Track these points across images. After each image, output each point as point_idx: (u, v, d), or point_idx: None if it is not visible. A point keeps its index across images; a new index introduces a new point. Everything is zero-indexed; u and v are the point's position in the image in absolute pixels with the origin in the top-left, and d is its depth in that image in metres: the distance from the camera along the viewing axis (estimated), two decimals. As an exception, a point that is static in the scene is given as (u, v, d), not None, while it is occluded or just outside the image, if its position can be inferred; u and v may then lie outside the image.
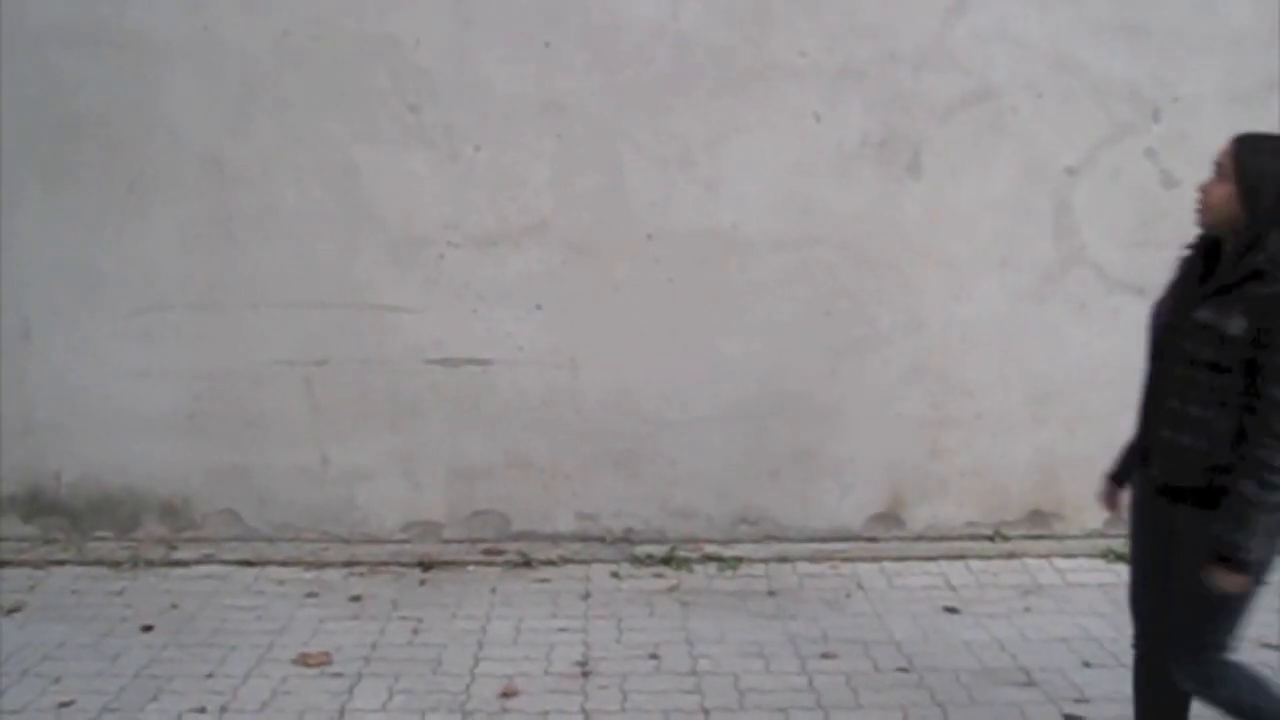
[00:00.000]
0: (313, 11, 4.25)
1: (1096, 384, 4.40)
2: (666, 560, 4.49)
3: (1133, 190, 4.35)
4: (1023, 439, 4.57)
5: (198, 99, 4.31)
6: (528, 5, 4.26)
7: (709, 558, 4.51)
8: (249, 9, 4.25)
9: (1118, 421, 4.18)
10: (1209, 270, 2.36)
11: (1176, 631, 2.47)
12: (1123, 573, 4.46)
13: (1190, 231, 2.45)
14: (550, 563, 4.48)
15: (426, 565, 4.44)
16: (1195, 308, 2.32)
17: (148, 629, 3.87)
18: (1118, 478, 2.71)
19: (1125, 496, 2.70)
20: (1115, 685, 3.42)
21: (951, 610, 4.02)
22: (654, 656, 3.66)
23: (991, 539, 4.63)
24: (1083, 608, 4.01)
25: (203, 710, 3.28)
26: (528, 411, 4.54)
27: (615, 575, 4.38)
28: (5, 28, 4.25)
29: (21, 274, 4.43)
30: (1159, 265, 2.54)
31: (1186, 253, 2.45)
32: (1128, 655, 3.62)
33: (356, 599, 4.15)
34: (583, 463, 4.59)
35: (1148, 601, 2.62)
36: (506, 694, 3.39)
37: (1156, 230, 4.20)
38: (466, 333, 4.49)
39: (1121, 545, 4.48)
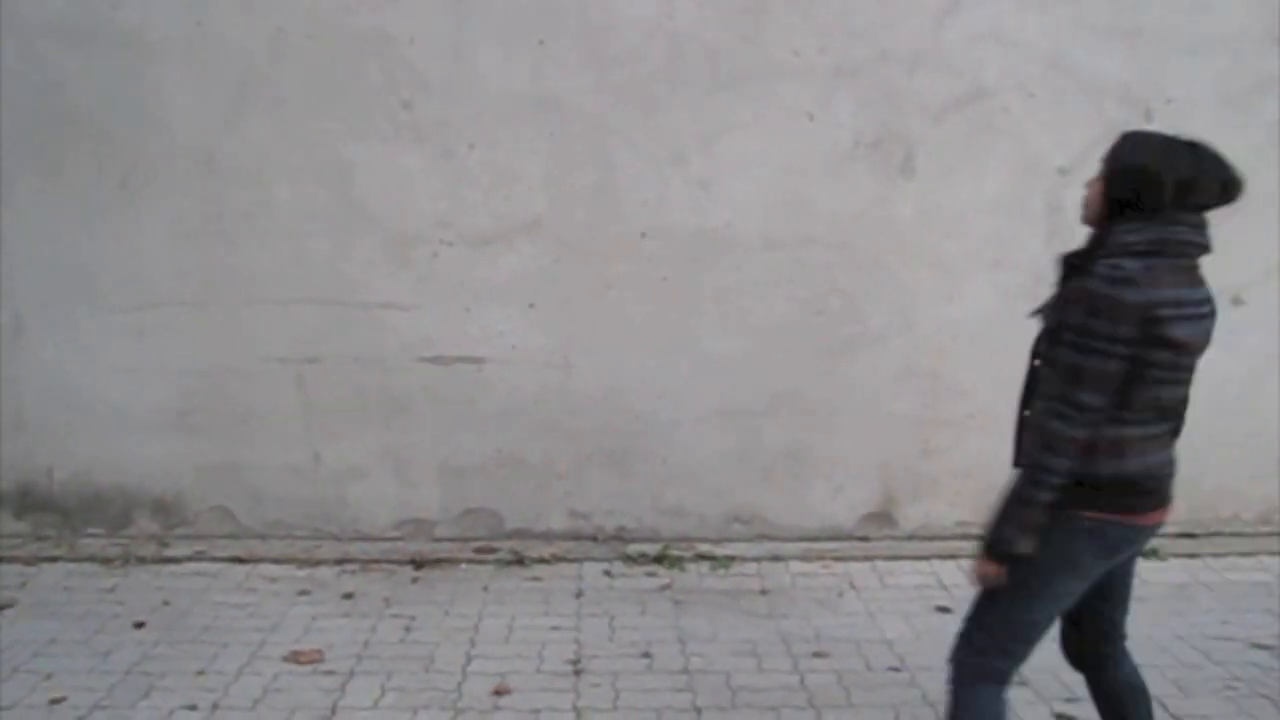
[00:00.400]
0: (307, 8, 4.24)
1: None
2: (659, 559, 4.49)
3: (1125, 191, 4.36)
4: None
5: (191, 95, 4.30)
6: (522, 3, 4.25)
7: (701, 556, 4.51)
8: (243, 6, 4.24)
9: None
10: None
11: (962, 625, 2.44)
12: (1113, 572, 4.48)
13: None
14: (543, 561, 4.48)
15: (419, 563, 4.44)
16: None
17: (139, 626, 3.87)
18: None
19: None
20: (1105, 684, 3.44)
21: (943, 609, 4.03)
22: (646, 655, 3.67)
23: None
24: (1073, 607, 4.02)
25: (194, 707, 3.28)
26: (520, 410, 4.54)
27: (608, 574, 4.39)
28: (0, 25, 4.24)
29: (13, 270, 4.43)
30: (1150, 266, 2.54)
31: None
32: (1118, 654, 3.64)
33: (349, 596, 4.15)
34: (575, 461, 4.59)
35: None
36: (498, 692, 3.39)
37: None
38: (459, 331, 4.49)
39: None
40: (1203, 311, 2.21)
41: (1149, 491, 2.28)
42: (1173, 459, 2.33)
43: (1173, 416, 2.29)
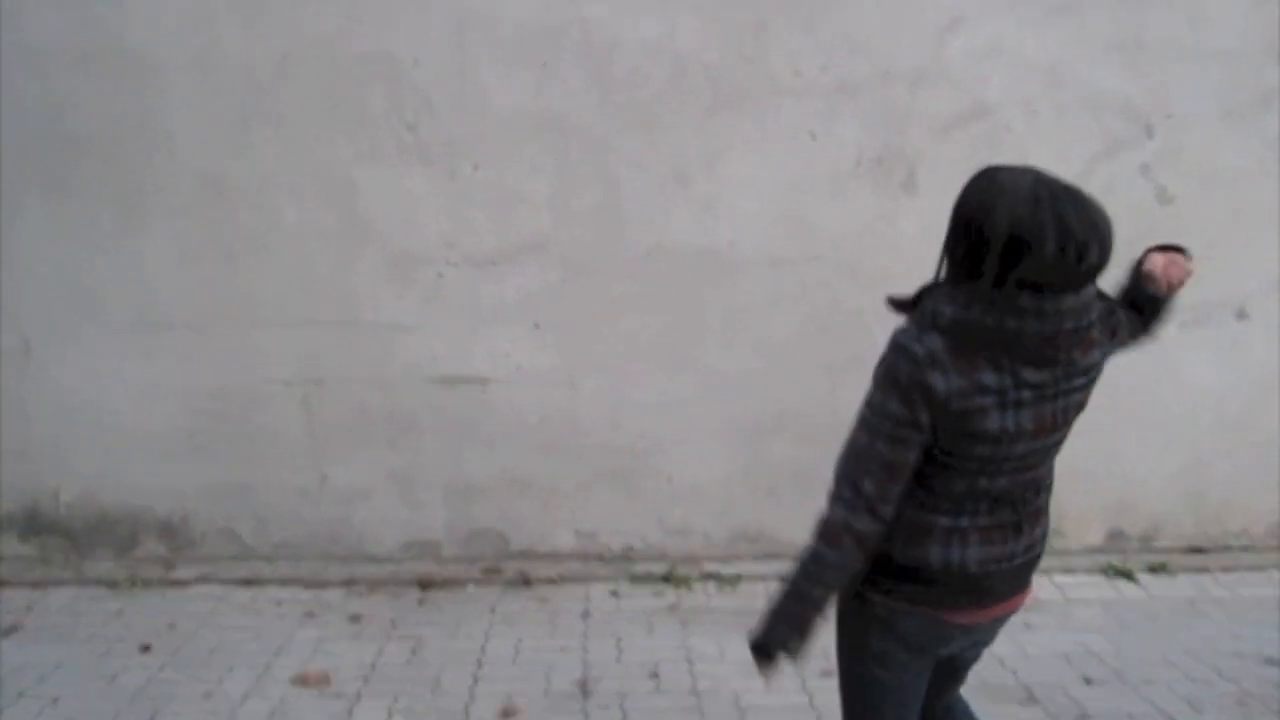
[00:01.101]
0: (312, 31, 4.27)
1: (1093, 400, 4.40)
2: (666, 578, 4.48)
3: (1127, 206, 4.29)
4: (1021, 455, 4.56)
5: (198, 118, 4.32)
6: (525, 25, 4.28)
7: (708, 575, 4.50)
8: (249, 30, 4.27)
9: (1114, 437, 4.19)
10: None
11: None
12: (1124, 589, 4.50)
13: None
14: (549, 581, 4.47)
15: (425, 584, 4.44)
16: None
17: (146, 649, 3.86)
18: None
19: None
20: (1116, 702, 3.42)
21: (951, 627, 4.01)
22: (654, 675, 3.66)
23: (991, 555, 4.61)
24: (1083, 624, 4.00)
25: (201, 731, 3.28)
26: (526, 430, 4.54)
27: (614, 594, 4.38)
28: (5, 46, 4.26)
29: (21, 291, 4.44)
30: (1155, 281, 2.53)
31: None
32: (1129, 672, 3.65)
33: (355, 618, 4.14)
34: (581, 481, 4.59)
35: None
36: (506, 714, 3.39)
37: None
38: (465, 351, 4.49)
39: (1122, 561, 4.50)
40: (1046, 393, 1.86)
41: (963, 588, 1.93)
42: (1018, 551, 1.98)
43: (1018, 503, 1.95)
